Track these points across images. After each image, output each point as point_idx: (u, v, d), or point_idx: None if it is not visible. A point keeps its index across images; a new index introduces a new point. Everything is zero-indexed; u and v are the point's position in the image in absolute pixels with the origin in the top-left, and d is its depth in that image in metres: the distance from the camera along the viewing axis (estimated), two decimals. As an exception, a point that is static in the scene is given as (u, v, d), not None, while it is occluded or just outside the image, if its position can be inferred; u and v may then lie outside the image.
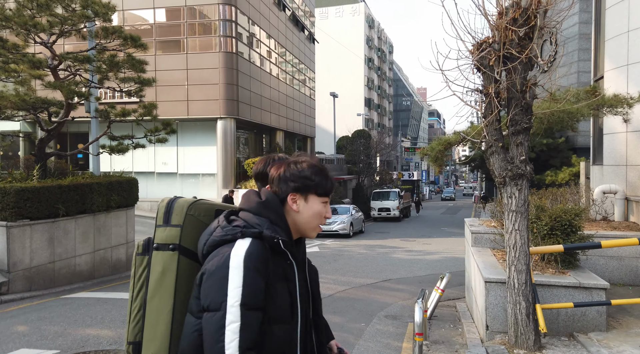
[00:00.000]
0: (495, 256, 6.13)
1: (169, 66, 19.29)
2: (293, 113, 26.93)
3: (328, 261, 13.04)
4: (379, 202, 30.78)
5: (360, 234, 22.17)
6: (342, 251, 15.42)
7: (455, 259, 14.07)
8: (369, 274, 11.20)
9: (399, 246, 17.20)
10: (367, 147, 37.25)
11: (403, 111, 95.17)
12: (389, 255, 14.81)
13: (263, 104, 22.34)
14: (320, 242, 17.91)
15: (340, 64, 62.50)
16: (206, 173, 20.42)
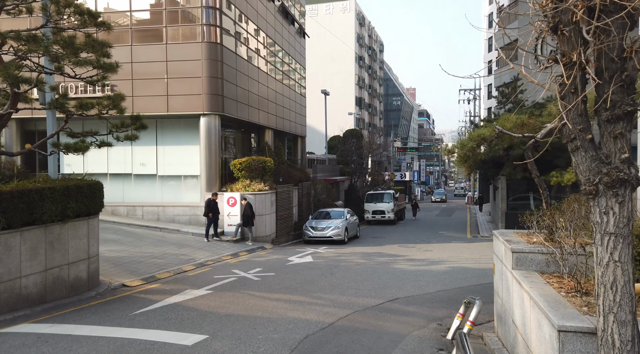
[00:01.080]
0: (551, 285, 4.69)
1: (146, 58, 17.61)
2: (283, 111, 25.39)
3: (324, 275, 11.54)
4: (372, 204, 29.39)
5: (355, 239, 20.72)
6: (339, 261, 13.93)
7: (465, 270, 12.68)
8: (372, 291, 9.72)
9: (399, 254, 15.79)
10: (359, 147, 35.86)
11: (393, 111, 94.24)
12: (390, 265, 13.36)
13: (251, 100, 20.76)
14: (313, 250, 16.41)
15: (331, 62, 61.12)
16: (189, 175, 18.76)
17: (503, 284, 6.01)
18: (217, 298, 8.70)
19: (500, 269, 6.30)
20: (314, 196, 23.68)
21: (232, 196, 16.83)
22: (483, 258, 15.17)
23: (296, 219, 21.26)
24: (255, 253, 15.23)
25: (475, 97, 52.58)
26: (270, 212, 17.84)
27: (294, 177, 21.43)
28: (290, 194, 19.99)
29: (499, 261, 6.39)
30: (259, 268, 12.15)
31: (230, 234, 16.59)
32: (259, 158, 18.25)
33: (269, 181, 18.21)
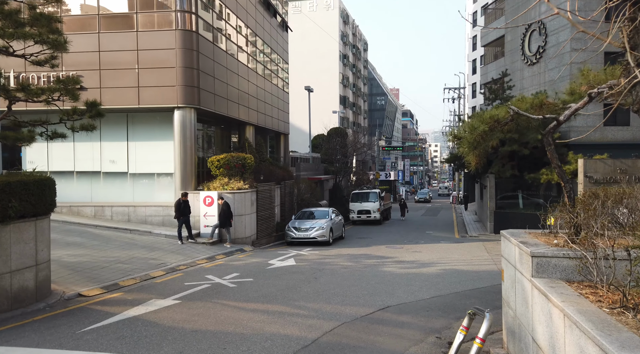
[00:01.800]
0: (586, 297, 3.79)
1: (116, 46, 16.34)
2: (265, 107, 24.30)
3: (307, 280, 10.53)
4: (358, 204, 28.51)
5: (340, 240, 19.78)
6: (323, 264, 12.95)
7: (458, 273, 11.84)
8: (360, 298, 8.77)
9: (387, 256, 14.90)
10: (343, 145, 34.98)
11: (377, 111, 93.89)
12: (378, 268, 12.44)
13: (230, 94, 19.63)
14: (296, 252, 15.39)
15: (315, 60, 60.21)
16: (162, 172, 17.53)
17: (517, 294, 5.11)
18: (184, 310, 7.62)
19: (512, 276, 5.39)
20: (298, 195, 22.67)
21: (209, 195, 15.70)
22: (475, 259, 14.39)
23: (278, 220, 20.20)
24: (233, 256, 14.14)
25: (460, 96, 52.29)
26: (251, 212, 16.76)
27: (276, 176, 20.38)
28: (272, 193, 18.94)
29: (510, 266, 5.49)
30: (236, 273, 11.09)
31: (206, 236, 15.45)
32: (239, 155, 17.15)
33: (249, 179, 17.13)
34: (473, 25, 52.30)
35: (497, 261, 13.89)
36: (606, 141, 23.18)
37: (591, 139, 23.64)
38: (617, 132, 23.37)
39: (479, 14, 49.91)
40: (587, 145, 22.75)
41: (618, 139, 23.23)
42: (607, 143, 22.89)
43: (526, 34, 26.54)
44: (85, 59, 16.37)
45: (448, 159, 27.31)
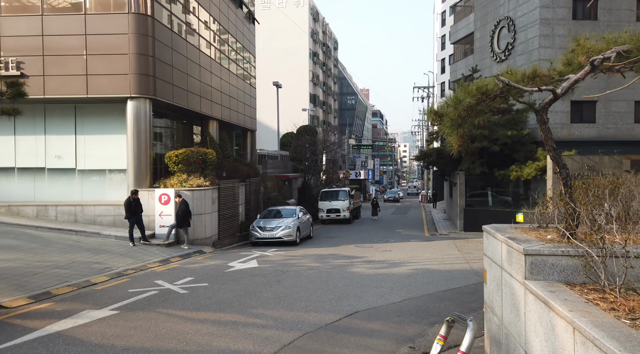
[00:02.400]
0: (596, 304, 3.07)
1: (61, 30, 14.87)
2: (230, 101, 23.15)
3: (269, 283, 9.61)
4: (327, 202, 27.75)
5: (308, 240, 18.92)
6: (288, 266, 12.05)
7: (430, 273, 11.20)
8: (326, 303, 7.93)
9: (356, 256, 14.16)
10: (313, 143, 34.16)
11: (348, 110, 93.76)
12: (347, 269, 11.65)
13: (191, 85, 18.42)
14: (260, 253, 14.42)
15: (285, 58, 59.21)
16: (114, 169, 16.15)
17: (505, 299, 4.38)
18: (120, 322, 6.56)
19: (497, 277, 4.67)
20: (264, 194, 21.65)
21: (165, 192, 14.50)
22: (446, 258, 13.86)
23: (243, 219, 19.14)
24: (190, 259, 13.02)
25: (429, 95, 52.47)
26: (212, 211, 15.65)
27: (241, 173, 19.32)
28: (235, 190, 17.87)
29: (495, 266, 4.76)
30: (190, 277, 10.03)
31: (162, 237, 14.25)
32: (199, 150, 16.01)
33: (211, 176, 16.01)
34: (442, 24, 52.64)
35: (469, 260, 13.40)
36: (573, 138, 23.35)
37: (559, 136, 23.76)
38: (584, 129, 23.58)
39: (448, 13, 50.25)
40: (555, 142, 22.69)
41: (584, 136, 23.44)
42: (573, 140, 23.05)
43: (495, 31, 26.50)
44: (27, 44, 14.86)
45: (418, 156, 26.95)
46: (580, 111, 23.60)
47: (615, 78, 21.38)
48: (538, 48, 22.98)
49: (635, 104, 23.52)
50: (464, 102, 4.32)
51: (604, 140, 23.33)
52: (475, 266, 12.31)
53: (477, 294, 8.92)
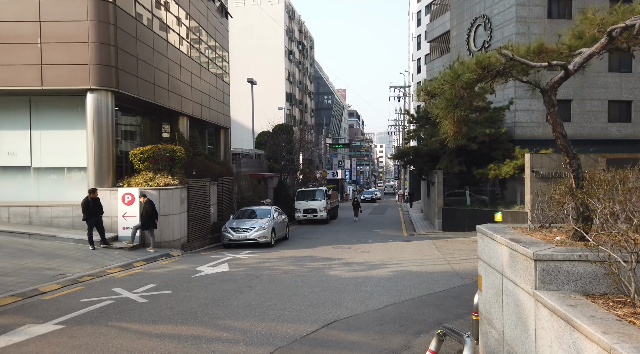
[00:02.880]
0: (632, 324, 2.48)
1: (12, 16, 13.65)
2: (201, 96, 22.15)
3: (240, 289, 8.85)
4: (304, 202, 27.07)
5: (284, 241, 18.17)
6: (262, 269, 11.29)
7: (411, 275, 10.66)
8: (301, 311, 7.24)
9: (334, 257, 13.52)
10: (289, 142, 33.39)
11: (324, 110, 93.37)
12: (324, 272, 10.99)
13: (159, 79, 17.39)
14: (232, 256, 13.60)
15: (260, 56, 58.22)
16: (74, 167, 15.00)
17: (507, 311, 3.78)
18: (63, 340, 5.69)
19: (496, 285, 4.07)
20: (238, 193, 20.77)
21: (129, 191, 13.50)
22: (427, 259, 13.39)
23: (215, 220, 18.23)
24: (155, 263, 12.09)
25: (405, 95, 52.46)
26: (180, 211, 14.72)
27: (213, 171, 18.40)
28: (207, 190, 16.95)
29: (493, 272, 4.17)
30: (153, 284, 9.16)
31: (125, 240, 13.25)
32: (167, 147, 15.05)
33: (179, 175, 15.08)
34: (417, 24, 52.72)
35: (450, 261, 12.96)
36: (549, 136, 23.37)
37: (535, 134, 23.81)
38: (559, 128, 23.62)
39: (424, 13, 50.34)
40: (532, 141, 22.85)
41: (559, 135, 23.48)
42: (549, 139, 23.07)
43: (471, 29, 26.39)
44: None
45: (395, 155, 26.57)
46: (556, 109, 23.63)
47: (589, 76, 21.65)
48: (515, 46, 22.87)
49: (609, 104, 23.79)
50: (463, 77, 3.73)
51: (579, 139, 23.48)
52: (457, 267, 11.86)
53: (462, 299, 8.41)
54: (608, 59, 23.43)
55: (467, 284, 9.75)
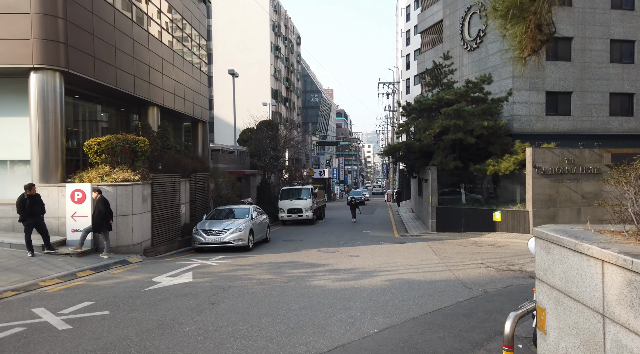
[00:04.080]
0: None
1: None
2: (175, 85, 20.22)
3: (199, 308, 7.04)
4: (288, 201, 25.27)
5: (264, 244, 16.37)
6: (232, 279, 9.49)
7: (409, 285, 8.98)
8: (272, 341, 5.47)
9: (319, 263, 11.79)
10: (274, 138, 31.53)
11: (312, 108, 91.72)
12: (306, 282, 9.24)
13: (122, 61, 15.45)
14: (201, 262, 11.77)
15: (245, 51, 56.25)
16: (16, 159, 12.99)
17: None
18: None
19: (587, 331, 2.34)
20: (214, 191, 18.89)
21: (79, 188, 11.56)
22: (424, 264, 11.73)
23: (187, 221, 16.35)
24: (106, 272, 10.18)
25: (394, 91, 51.01)
26: (142, 211, 12.81)
27: (185, 167, 16.51)
28: (176, 187, 15.05)
29: (582, 309, 2.43)
30: (89, 302, 7.29)
31: (74, 244, 11.32)
32: (128, 137, 13.14)
33: (142, 169, 13.17)
34: (407, 19, 51.32)
35: (450, 266, 11.33)
36: (548, 131, 22.05)
37: (534, 129, 22.40)
38: (559, 122, 22.31)
39: (413, 7, 48.94)
40: (530, 135, 21.44)
41: (560, 129, 22.17)
42: (549, 133, 21.76)
43: (465, 18, 24.92)
44: None
45: (386, 150, 24.93)
46: (555, 102, 22.33)
47: (590, 67, 19.65)
48: (513, 34, 21.41)
49: (611, 96, 22.51)
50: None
51: (580, 133, 22.18)
52: (460, 274, 10.23)
53: (475, 317, 6.76)
54: (609, 49, 22.18)
55: (476, 297, 8.11)
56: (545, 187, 17.92)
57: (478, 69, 23.59)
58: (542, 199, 17.88)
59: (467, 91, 19.75)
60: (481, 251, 14.17)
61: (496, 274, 10.34)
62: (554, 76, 21.92)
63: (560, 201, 18.14)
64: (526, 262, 12.00)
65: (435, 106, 20.34)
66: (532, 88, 21.83)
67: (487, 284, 9.24)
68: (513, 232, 18.14)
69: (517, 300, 7.89)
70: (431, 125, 19.67)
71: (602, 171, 18.67)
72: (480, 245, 15.81)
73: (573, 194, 18.33)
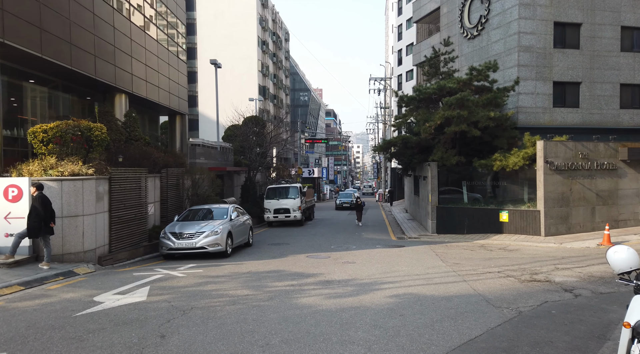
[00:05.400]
0: None
1: None
2: (147, 71, 18.10)
3: (142, 344, 5.04)
4: (274, 201, 23.29)
5: (245, 249, 14.38)
6: (198, 297, 7.49)
7: (421, 303, 7.10)
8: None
9: (308, 272, 9.87)
10: (260, 134, 29.43)
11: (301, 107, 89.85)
12: (292, 301, 7.30)
13: (79, 38, 13.35)
14: (166, 272, 9.75)
15: (231, 46, 54.14)
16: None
17: None
18: None
19: None
20: (192, 189, 16.81)
21: (14, 183, 9.46)
22: (433, 273, 9.90)
23: (157, 222, 14.28)
24: (38, 288, 8.10)
25: (386, 88, 49.31)
26: (97, 211, 10.72)
27: (155, 161, 14.44)
28: (142, 183, 12.97)
29: None
30: (-14, 337, 5.25)
31: (5, 252, 9.21)
32: (80, 123, 11.05)
33: (98, 162, 11.09)
34: (398, 13, 49.68)
35: (464, 275, 9.50)
36: (556, 124, 20.42)
37: (540, 122, 20.73)
38: (567, 114, 20.68)
39: (405, 1, 47.29)
40: (536, 129, 19.74)
41: (568, 122, 20.54)
42: (556, 127, 20.13)
43: (465, 4, 23.21)
44: None
45: (381, 145, 23.07)
46: (563, 93, 20.70)
47: (600, 56, 17.38)
48: (518, 19, 19.77)
49: (621, 87, 20.97)
50: None
51: (589, 127, 20.59)
52: (479, 286, 8.41)
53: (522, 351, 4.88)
54: (620, 36, 20.65)
55: (510, 321, 6.26)
56: (558, 184, 16.23)
57: (479, 58, 21.88)
58: (554, 198, 16.18)
59: (470, 78, 17.99)
60: (493, 257, 12.39)
61: (521, 286, 8.52)
62: (561, 65, 20.30)
63: (573, 200, 16.46)
64: (550, 270, 10.22)
65: (436, 95, 18.53)
66: (539, 78, 20.17)
67: (516, 301, 7.41)
68: (522, 234, 16.41)
69: (564, 325, 6.08)
70: (432, 116, 17.86)
71: (617, 166, 17.06)
72: (489, 249, 14.04)
73: (587, 192, 16.67)
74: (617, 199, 17.12)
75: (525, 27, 19.85)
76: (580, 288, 8.38)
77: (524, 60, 19.91)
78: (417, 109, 19.64)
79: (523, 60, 19.91)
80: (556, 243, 14.71)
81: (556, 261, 11.43)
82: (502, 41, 20.77)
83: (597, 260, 11.51)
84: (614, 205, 17.10)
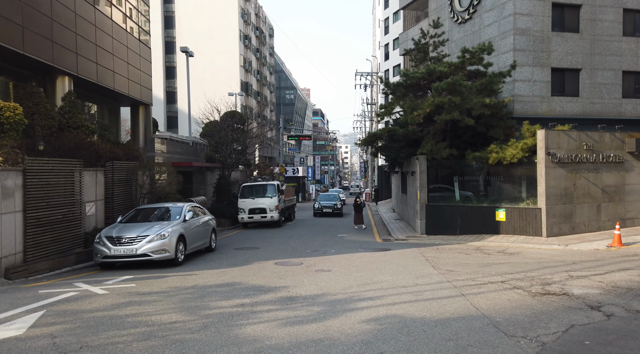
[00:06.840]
0: None
1: None
2: (98, 52, 15.90)
3: None
4: (250, 200, 21.24)
5: (205, 255, 12.30)
6: (104, 326, 5.40)
7: (409, 331, 5.01)
8: None
9: (270, 285, 7.87)
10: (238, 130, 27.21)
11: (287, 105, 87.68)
12: (231, 331, 5.26)
13: (3, 6, 11.15)
14: (86, 287, 7.66)
15: (211, 40, 51.95)
16: None
17: None
18: None
19: None
20: (147, 186, 14.65)
21: None
22: (423, 284, 7.99)
23: (99, 225, 12.11)
24: None
25: (373, 83, 47.53)
26: (4, 210, 8.56)
27: (99, 152, 12.28)
28: (75, 177, 10.80)
29: None
30: None
31: None
32: (-12, 102, 8.88)
33: (10, 150, 8.92)
34: (385, 7, 47.95)
35: (460, 287, 7.62)
36: (554, 114, 18.72)
37: (537, 111, 18.97)
38: (566, 104, 18.99)
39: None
40: (534, 119, 17.90)
41: (567, 112, 18.85)
42: (555, 117, 18.41)
43: (456, -14, 21.42)
44: None
45: (365, 139, 21.15)
46: (562, 81, 19.00)
47: (601, 41, 15.03)
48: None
49: (623, 75, 19.36)
50: None
51: (590, 117, 18.92)
52: (481, 302, 6.56)
53: None
54: (622, 20, 19.05)
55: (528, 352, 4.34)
56: (561, 178, 14.47)
57: (471, 44, 20.07)
58: (557, 194, 14.42)
59: (463, 62, 16.16)
60: (492, 262, 10.53)
61: (535, 302, 6.65)
62: (560, 50, 18.61)
63: (577, 196, 14.72)
64: (563, 278, 8.37)
65: (425, 81, 16.65)
66: (536, 63, 18.44)
67: (532, 325, 5.54)
68: (521, 235, 14.62)
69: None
70: (420, 104, 15.99)
71: (624, 159, 15.37)
72: (487, 252, 12.19)
73: (592, 188, 14.95)
74: (623, 195, 15.43)
75: (521, 8, 18.11)
76: (608, 303, 6.53)
77: (520, 45, 18.17)
78: (404, 97, 17.74)
79: (519, 45, 18.16)
80: (561, 245, 12.94)
81: (567, 267, 9.60)
82: (496, 24, 19.01)
83: (616, 265, 9.72)
84: (620, 202, 15.41)
